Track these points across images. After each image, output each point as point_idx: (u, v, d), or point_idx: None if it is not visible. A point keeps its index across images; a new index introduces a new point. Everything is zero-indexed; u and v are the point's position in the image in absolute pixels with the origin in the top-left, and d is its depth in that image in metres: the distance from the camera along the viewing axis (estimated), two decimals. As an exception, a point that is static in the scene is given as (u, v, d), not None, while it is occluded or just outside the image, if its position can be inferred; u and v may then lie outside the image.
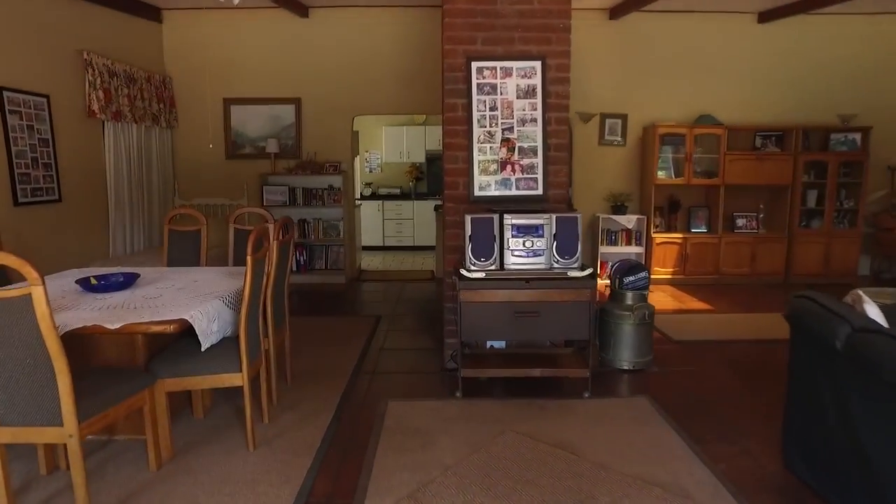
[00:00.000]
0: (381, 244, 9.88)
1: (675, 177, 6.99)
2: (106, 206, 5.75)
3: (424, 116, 10.13)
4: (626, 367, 4.05)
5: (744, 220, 7.15)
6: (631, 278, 4.08)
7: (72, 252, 5.21)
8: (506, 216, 3.47)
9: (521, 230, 3.46)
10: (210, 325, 2.74)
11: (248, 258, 2.75)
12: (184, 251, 4.22)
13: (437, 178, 9.92)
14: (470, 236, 3.45)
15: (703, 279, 7.00)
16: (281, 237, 3.47)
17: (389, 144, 9.97)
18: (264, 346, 3.19)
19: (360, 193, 10.10)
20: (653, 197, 6.98)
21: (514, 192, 3.88)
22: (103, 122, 5.64)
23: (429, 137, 9.93)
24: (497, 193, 3.88)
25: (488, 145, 3.84)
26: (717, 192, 6.98)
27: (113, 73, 5.67)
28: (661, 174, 6.97)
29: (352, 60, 7.06)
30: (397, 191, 10.04)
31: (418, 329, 5.17)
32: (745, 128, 6.98)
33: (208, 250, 4.26)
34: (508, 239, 3.46)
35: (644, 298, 4.11)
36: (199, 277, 3.45)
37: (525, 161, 3.86)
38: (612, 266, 4.22)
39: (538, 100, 3.83)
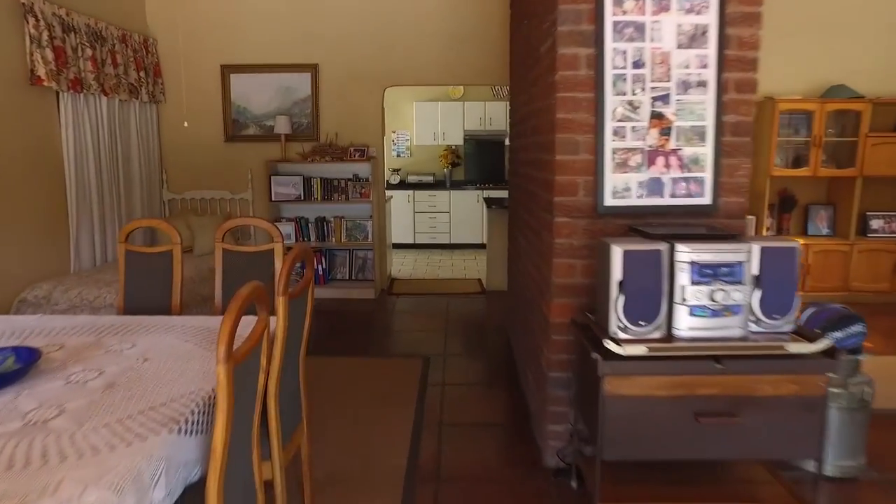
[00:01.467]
0: (412, 241, 8.44)
1: (796, 166, 5.44)
2: (65, 203, 4.34)
3: (462, 90, 8.60)
4: (828, 475, 2.60)
5: (881, 222, 5.60)
6: (838, 334, 2.60)
7: (10, 270, 3.83)
8: (679, 247, 2.00)
9: (707, 272, 2.00)
10: (145, 498, 1.31)
11: (222, 369, 1.31)
12: (147, 284, 2.81)
13: (480, 163, 8.43)
14: (621, 283, 1.99)
15: (826, 296, 5.48)
16: (286, 281, 2.04)
17: (421, 123, 8.47)
18: (262, 478, 1.76)
19: (388, 182, 8.62)
20: (767, 192, 5.44)
21: (667, 199, 2.41)
22: (57, 94, 4.22)
23: (468, 115, 8.40)
24: (640, 202, 2.40)
25: (629, 124, 2.36)
26: (848, 185, 5.43)
27: (69, 27, 4.22)
28: (777, 162, 5.44)
29: (383, 17, 5.55)
30: (430, 178, 8.56)
31: (485, 381, 3.74)
32: (893, 102, 5.39)
33: (183, 284, 2.83)
34: (684, 287, 2.00)
35: (857, 368, 2.64)
36: (157, 347, 2.03)
37: (686, 150, 2.38)
38: (807, 315, 2.73)
39: (710, 50, 2.33)
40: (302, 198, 5.64)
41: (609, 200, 2.39)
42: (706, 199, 2.41)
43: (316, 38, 5.60)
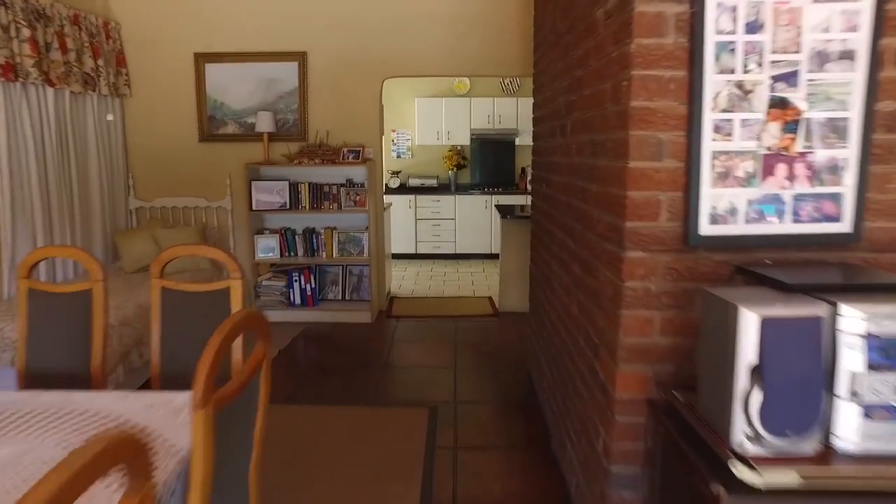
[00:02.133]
0: (414, 251, 7.68)
1: None
2: (-4, 217, 3.60)
3: (468, 84, 7.84)
4: None
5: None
6: None
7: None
8: (845, 310, 1.25)
9: (891, 350, 1.25)
10: None
11: None
12: (57, 339, 2.06)
13: (488, 165, 7.68)
14: (756, 369, 1.25)
15: None
16: (206, 382, 1.28)
17: (423, 121, 7.72)
18: None
19: (386, 185, 7.88)
20: None
21: (788, 226, 1.66)
22: (-17, 83, 3.48)
23: (475, 112, 7.65)
24: (751, 230, 1.65)
25: (738, 116, 1.61)
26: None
27: (-1, 1, 3.48)
28: None
29: (381, -4, 4.82)
30: (433, 182, 7.80)
31: (507, 442, 2.99)
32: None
33: (107, 338, 2.09)
34: (855, 375, 1.25)
35: None
36: (25, 461, 1.28)
37: (820, 154, 1.63)
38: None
39: (864, 3, 1.58)
40: (288, 206, 4.89)
41: (706, 227, 1.64)
42: (844, 226, 1.66)
43: (303, 22, 4.85)
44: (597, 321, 1.97)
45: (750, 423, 1.26)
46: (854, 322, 1.24)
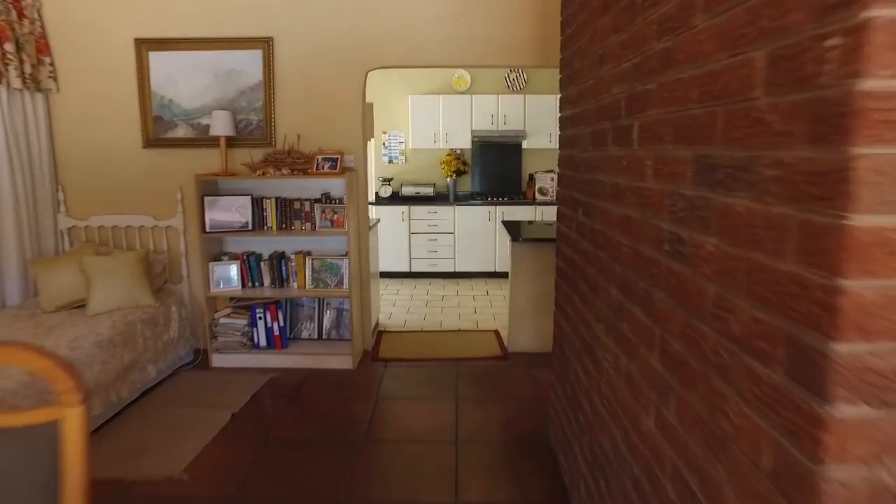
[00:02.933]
0: (407, 269, 6.78)
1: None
2: None
3: (468, 80, 6.94)
4: None
5: None
6: None
7: None
8: None
9: None
10: None
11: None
12: None
13: (492, 172, 6.80)
14: None
15: None
16: None
17: (418, 122, 6.81)
18: None
19: (376, 194, 6.99)
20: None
21: None
22: None
23: (477, 111, 6.74)
24: None
25: None
26: None
27: None
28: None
29: (363, -32, 3.92)
30: (429, 190, 6.90)
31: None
32: None
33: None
34: None
35: None
36: None
37: None
38: None
39: None
40: (251, 226, 3.99)
41: None
42: None
43: (269, 0, 3.95)
44: (715, 487, 1.07)
45: None
46: None
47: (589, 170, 2.12)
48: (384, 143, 7.17)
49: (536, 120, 6.71)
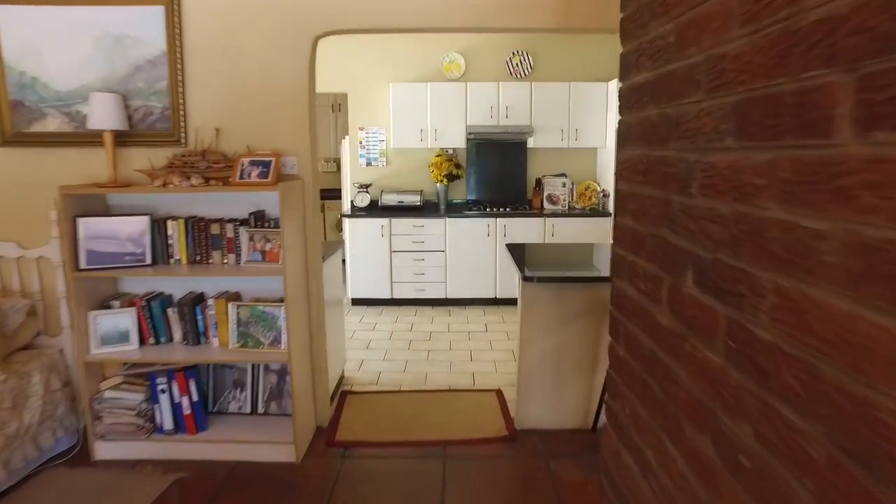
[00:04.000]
0: (389, 296, 5.56)
1: None
2: None
3: (462, 66, 5.74)
4: None
5: None
6: None
7: None
8: None
9: None
10: None
11: None
12: None
13: (490, 176, 5.63)
14: None
15: None
16: None
17: (402, 116, 5.59)
18: None
19: (351, 204, 5.78)
20: None
21: None
22: None
23: (473, 102, 5.54)
24: None
25: None
26: None
27: None
28: None
29: None
30: (415, 199, 5.69)
31: None
32: None
33: None
34: None
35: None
36: None
37: None
38: None
39: None
40: (149, 260, 2.77)
41: None
42: None
43: (171, -67, 2.74)
44: None
45: None
46: None
47: (728, 190, 0.91)
48: (361, 143, 5.95)
49: (545, 113, 5.51)
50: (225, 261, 2.81)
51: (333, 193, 6.67)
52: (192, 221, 2.81)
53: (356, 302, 5.63)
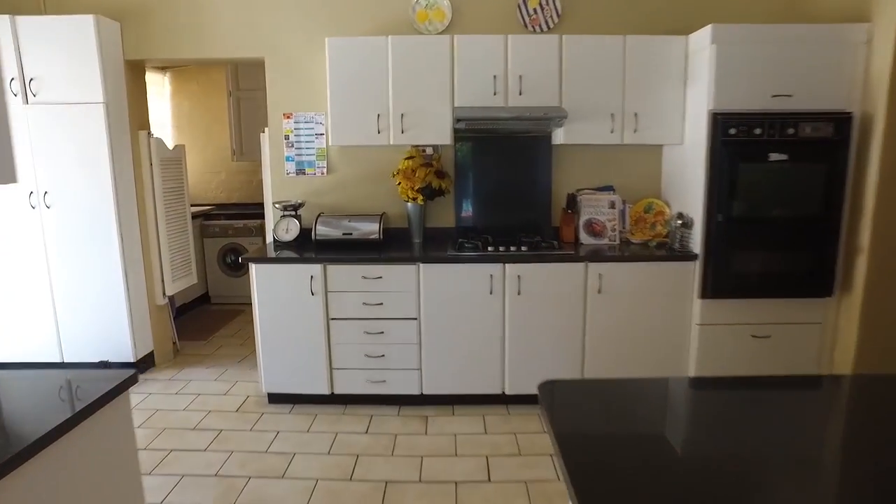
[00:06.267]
0: (327, 391, 3.35)
1: None
2: None
3: (447, 11, 3.54)
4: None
5: None
6: None
7: None
8: None
9: None
10: None
11: None
12: None
13: (492, 191, 3.41)
14: None
15: None
16: None
17: (347, 93, 3.38)
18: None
19: (274, 240, 3.59)
20: None
21: None
22: None
23: (465, 68, 3.33)
24: None
25: None
26: None
27: None
28: None
29: None
30: (370, 228, 3.49)
31: None
32: None
33: None
34: None
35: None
36: None
37: None
38: None
39: None
40: None
41: None
42: None
43: None
44: None
45: None
46: None
47: None
48: (287, 138, 3.76)
49: (583, 86, 3.32)
50: None
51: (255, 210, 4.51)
52: None
53: (274, 399, 3.43)
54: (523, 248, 3.29)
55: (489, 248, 3.30)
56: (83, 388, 1.49)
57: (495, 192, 3.69)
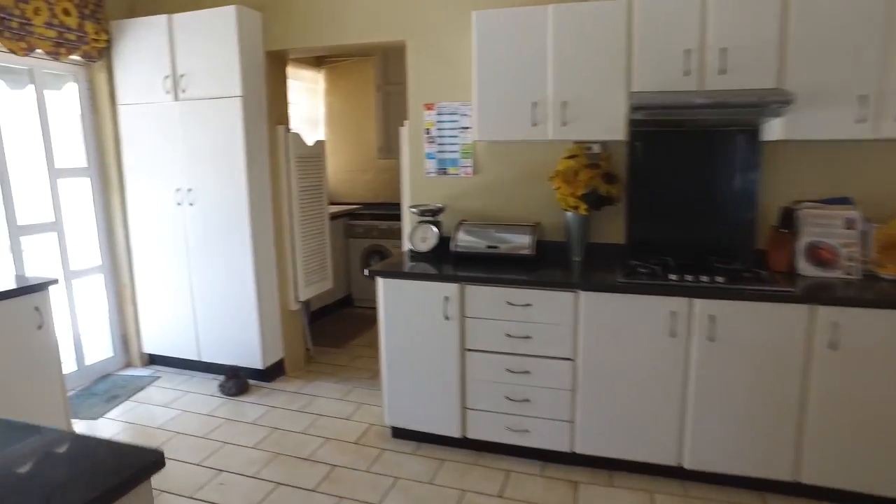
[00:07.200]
0: (459, 433, 2.83)
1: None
2: None
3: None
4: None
5: None
6: None
7: None
8: None
9: None
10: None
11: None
12: None
13: (681, 202, 2.60)
14: None
15: None
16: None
17: (498, 78, 2.80)
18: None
19: (410, 251, 3.15)
20: None
21: None
22: None
23: (646, 39, 2.60)
24: None
25: None
26: None
27: None
28: None
29: None
30: (522, 241, 2.90)
31: None
32: None
33: None
34: None
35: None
36: None
37: None
38: None
39: None
40: None
41: None
42: None
43: None
44: None
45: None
46: None
47: None
48: (428, 132, 3.29)
49: (819, 59, 2.42)
50: None
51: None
52: None
53: (398, 434, 2.99)
54: (718, 279, 2.49)
55: (671, 276, 2.54)
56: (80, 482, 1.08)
57: (680, 201, 2.90)
